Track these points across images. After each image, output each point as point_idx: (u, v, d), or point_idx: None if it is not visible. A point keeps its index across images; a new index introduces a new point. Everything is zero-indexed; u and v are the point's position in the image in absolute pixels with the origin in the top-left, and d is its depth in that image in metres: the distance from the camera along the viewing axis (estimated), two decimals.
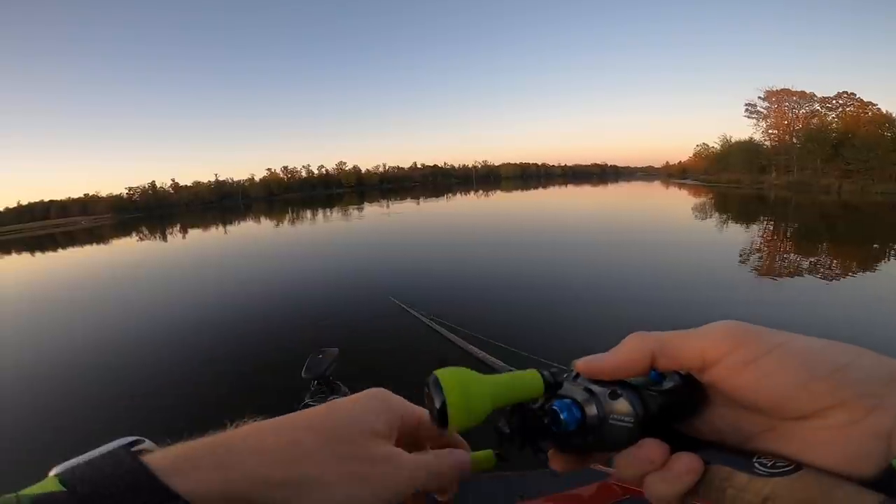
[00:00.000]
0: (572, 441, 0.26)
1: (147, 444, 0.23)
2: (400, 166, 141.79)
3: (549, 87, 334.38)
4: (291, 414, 0.26)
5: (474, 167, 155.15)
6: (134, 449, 0.22)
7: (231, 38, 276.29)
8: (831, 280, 6.94)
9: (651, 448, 0.24)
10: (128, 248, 20.75)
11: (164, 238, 24.94)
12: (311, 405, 1.66)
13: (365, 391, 0.30)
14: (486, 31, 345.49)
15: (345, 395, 1.76)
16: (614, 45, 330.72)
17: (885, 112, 38.64)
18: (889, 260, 8.38)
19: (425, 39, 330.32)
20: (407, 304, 5.50)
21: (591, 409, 0.25)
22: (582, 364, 0.27)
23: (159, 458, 0.21)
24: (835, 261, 8.60)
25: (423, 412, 0.30)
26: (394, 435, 0.28)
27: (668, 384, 0.26)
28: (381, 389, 0.30)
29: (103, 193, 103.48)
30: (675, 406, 0.26)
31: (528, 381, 0.26)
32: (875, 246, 10.11)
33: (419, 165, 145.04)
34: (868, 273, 7.37)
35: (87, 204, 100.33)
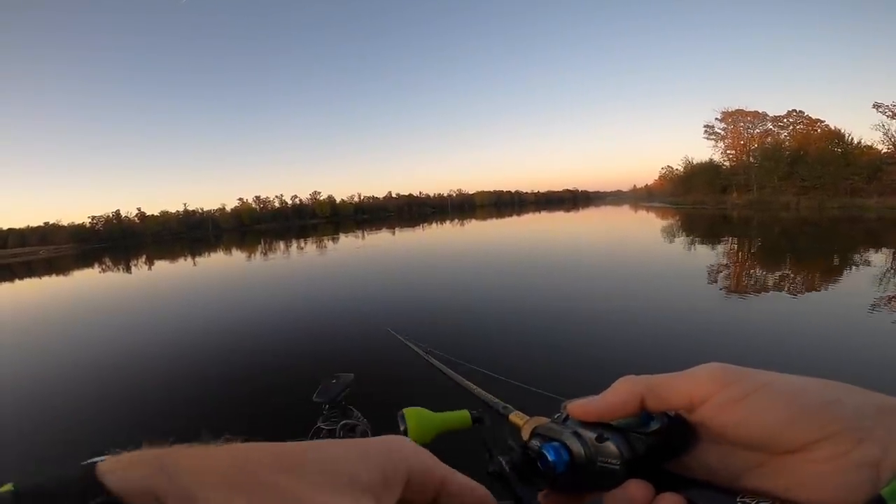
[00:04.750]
0: (562, 482, 0.27)
1: (109, 457, 0.21)
2: (375, 196, 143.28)
3: (522, 116, 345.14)
4: (285, 443, 0.22)
5: (449, 196, 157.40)
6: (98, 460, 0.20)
7: (199, 64, 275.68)
8: (798, 294, 7.09)
9: (636, 489, 0.25)
10: (119, 280, 19.72)
11: (129, 269, 23.97)
12: (322, 428, 1.62)
13: (383, 437, 0.26)
14: (458, 63, 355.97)
15: (357, 419, 1.73)
16: (583, 72, 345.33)
17: (833, 128, 41.09)
18: (853, 270, 8.69)
19: (400, 69, 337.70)
20: (403, 335, 5.35)
21: (580, 452, 0.27)
22: (573, 407, 0.28)
23: (112, 459, 0.20)
24: (805, 276, 8.84)
25: (448, 474, 0.26)
26: (391, 490, 0.23)
27: (654, 425, 0.26)
28: (401, 438, 0.26)
29: (64, 222, 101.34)
30: (662, 446, 0.26)
31: (459, 417, 0.29)
32: (836, 260, 10.59)
33: (394, 195, 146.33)
34: (840, 284, 7.56)
35: (47, 233, 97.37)
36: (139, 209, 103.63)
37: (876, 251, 11.54)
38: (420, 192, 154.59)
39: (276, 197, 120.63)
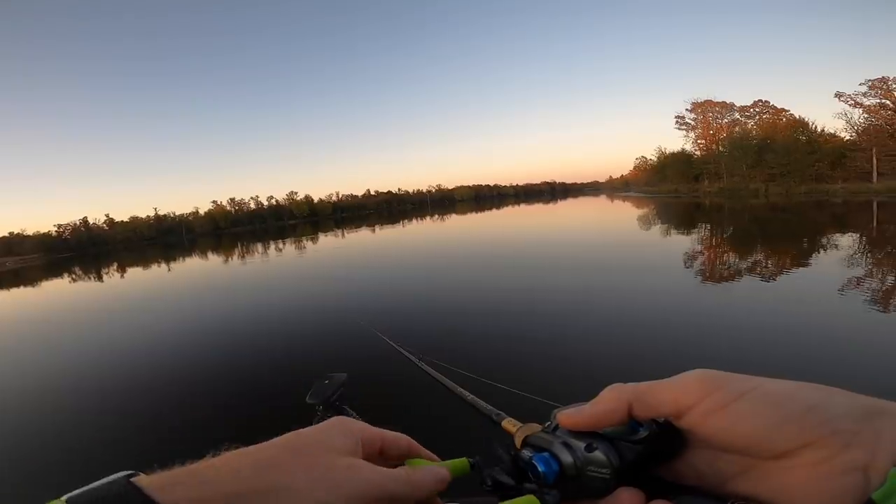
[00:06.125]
0: (552, 492, 0.27)
1: (142, 476, 0.26)
2: (354, 194, 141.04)
3: (499, 111, 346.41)
4: (264, 443, 0.29)
5: (428, 191, 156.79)
6: (131, 478, 0.25)
7: (167, 65, 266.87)
8: (772, 279, 7.27)
9: (626, 497, 0.26)
10: (101, 289, 18.99)
11: (99, 278, 23.21)
12: None
13: (328, 419, 0.33)
14: (434, 59, 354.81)
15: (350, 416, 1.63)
16: (558, 65, 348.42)
17: (798, 117, 42.52)
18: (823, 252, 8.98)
19: (375, 66, 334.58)
20: (393, 339, 5.23)
21: (569, 462, 0.27)
22: (562, 417, 0.29)
23: (147, 479, 0.24)
24: (776, 260, 9.06)
25: (383, 433, 0.35)
26: (358, 452, 0.31)
27: (643, 433, 0.27)
28: (342, 417, 0.34)
29: (29, 232, 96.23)
30: (651, 453, 0.27)
31: (458, 465, 0.33)
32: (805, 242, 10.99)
33: (373, 192, 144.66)
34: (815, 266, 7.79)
35: (12, 243, 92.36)
36: (107, 216, 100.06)
37: (843, 234, 11.98)
38: (399, 189, 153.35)
39: (252, 198, 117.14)
